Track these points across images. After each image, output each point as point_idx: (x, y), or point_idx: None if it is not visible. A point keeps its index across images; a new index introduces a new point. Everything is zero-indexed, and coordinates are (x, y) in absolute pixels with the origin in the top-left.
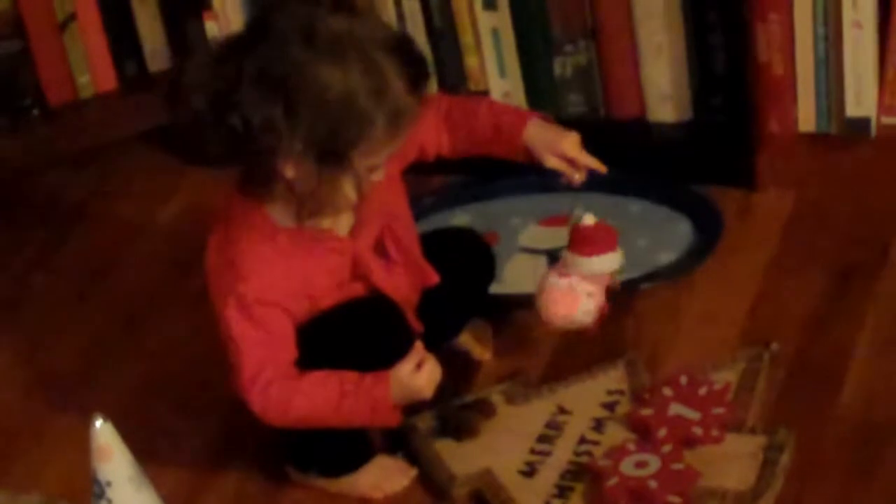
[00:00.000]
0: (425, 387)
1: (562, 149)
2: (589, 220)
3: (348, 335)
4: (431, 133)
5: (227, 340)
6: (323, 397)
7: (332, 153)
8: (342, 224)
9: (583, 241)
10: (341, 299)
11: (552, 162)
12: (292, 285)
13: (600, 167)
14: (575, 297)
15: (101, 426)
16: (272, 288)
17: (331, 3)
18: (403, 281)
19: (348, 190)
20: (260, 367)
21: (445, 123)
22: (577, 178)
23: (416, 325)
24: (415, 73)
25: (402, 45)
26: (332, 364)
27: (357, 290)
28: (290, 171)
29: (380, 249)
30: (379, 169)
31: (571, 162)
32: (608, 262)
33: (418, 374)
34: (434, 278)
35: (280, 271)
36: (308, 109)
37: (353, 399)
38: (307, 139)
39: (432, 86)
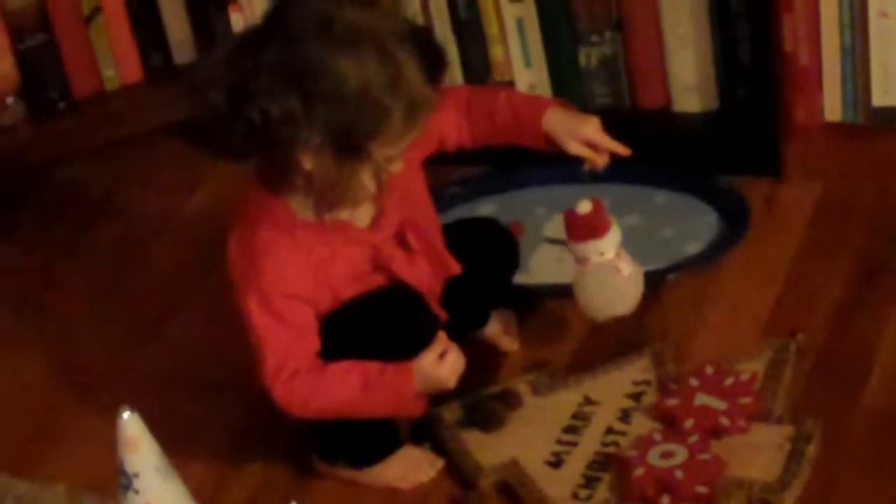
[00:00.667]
0: (449, 376)
1: (584, 133)
2: (586, 206)
3: (372, 324)
4: (451, 123)
5: (250, 333)
6: (346, 388)
7: (351, 145)
8: (362, 215)
9: (592, 226)
10: (363, 290)
11: (574, 147)
12: (313, 277)
13: (623, 150)
14: (637, 285)
15: (128, 417)
16: (293, 280)
17: None
18: (425, 271)
19: (367, 181)
20: (283, 359)
21: (466, 113)
22: (601, 162)
23: (441, 314)
24: (432, 63)
25: (418, 36)
26: (356, 354)
27: (379, 281)
28: (308, 163)
29: (401, 240)
30: (397, 159)
31: (594, 147)
32: (617, 233)
33: (442, 363)
34: (456, 268)
35: (300, 264)
36: (326, 101)
37: (377, 389)
38: (325, 131)
39: (458, 77)
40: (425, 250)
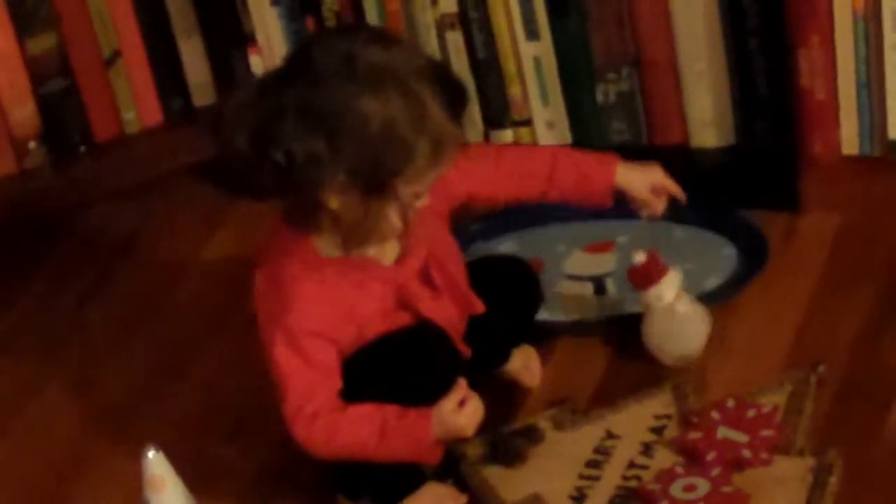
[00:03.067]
0: (467, 425)
1: (657, 181)
2: (640, 256)
3: (396, 363)
4: (486, 180)
5: (274, 371)
6: (366, 432)
7: (377, 183)
8: (388, 253)
9: (648, 274)
10: (388, 328)
11: (645, 195)
12: (339, 315)
13: (682, 195)
14: (697, 324)
15: (153, 457)
16: (319, 319)
17: (368, 34)
18: (449, 309)
19: (394, 218)
20: (305, 398)
21: (507, 173)
22: (661, 208)
23: (465, 350)
24: (454, 98)
25: (439, 73)
26: (380, 392)
27: (404, 318)
28: (334, 203)
29: (426, 278)
30: (424, 195)
31: (659, 192)
32: (675, 278)
33: (461, 412)
34: (480, 307)
35: (327, 302)
36: (351, 141)
37: (396, 434)
38: (351, 170)
39: (475, 115)
40: (449, 288)
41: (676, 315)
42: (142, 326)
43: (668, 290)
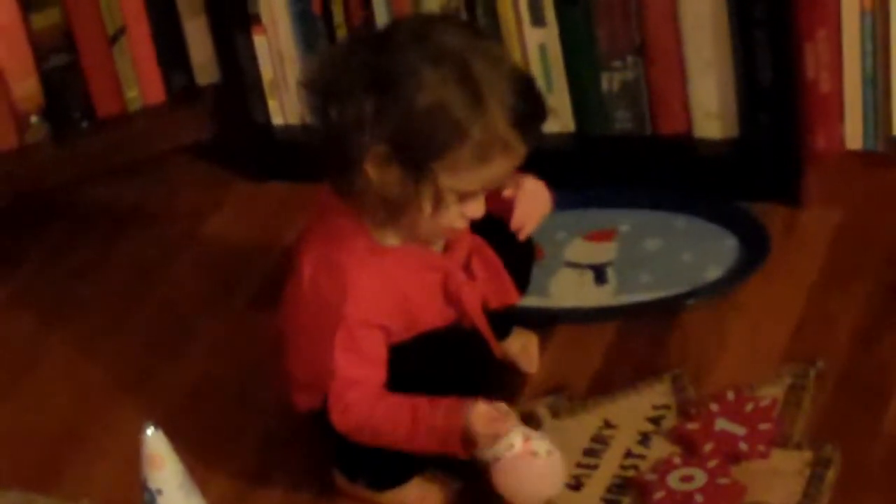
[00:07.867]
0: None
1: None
2: None
3: (433, 360)
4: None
5: (325, 358)
6: (399, 419)
7: (415, 160)
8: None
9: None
10: (435, 318)
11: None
12: (394, 304)
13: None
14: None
15: (152, 434)
16: (375, 309)
17: (456, 23)
18: (485, 297)
19: (427, 208)
20: (349, 388)
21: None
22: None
23: (497, 349)
24: (524, 110)
25: (519, 81)
26: (412, 385)
27: (451, 315)
28: (374, 173)
29: (466, 267)
30: (474, 202)
31: None
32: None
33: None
34: (514, 297)
35: (383, 291)
36: (396, 108)
37: (427, 424)
38: (392, 141)
39: None
40: (491, 277)
41: (536, 459)
42: (140, 303)
43: (517, 437)
